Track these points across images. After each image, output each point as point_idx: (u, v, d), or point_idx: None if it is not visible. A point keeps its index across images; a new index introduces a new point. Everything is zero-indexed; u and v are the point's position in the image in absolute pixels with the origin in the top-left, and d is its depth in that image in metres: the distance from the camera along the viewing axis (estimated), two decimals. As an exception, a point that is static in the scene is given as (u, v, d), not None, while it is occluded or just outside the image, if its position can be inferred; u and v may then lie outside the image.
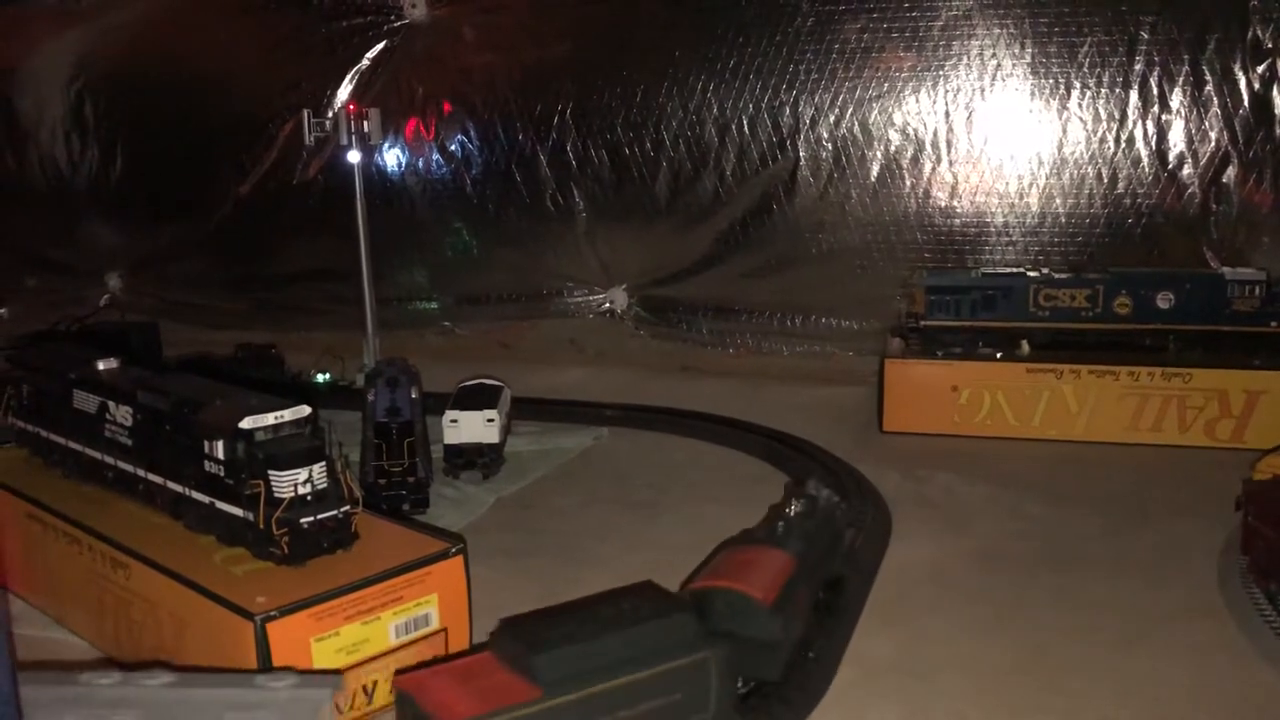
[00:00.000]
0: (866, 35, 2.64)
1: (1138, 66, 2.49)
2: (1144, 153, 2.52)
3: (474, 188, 3.06)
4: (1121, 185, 2.55)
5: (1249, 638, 1.41)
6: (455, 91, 3.06)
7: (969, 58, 2.60)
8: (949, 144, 2.64)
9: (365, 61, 3.13)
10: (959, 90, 2.62)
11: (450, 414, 2.02)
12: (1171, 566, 1.63)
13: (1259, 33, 2.41)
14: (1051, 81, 2.56)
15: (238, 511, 1.26)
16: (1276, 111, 2.42)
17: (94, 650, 1.41)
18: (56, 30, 3.56)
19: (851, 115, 2.67)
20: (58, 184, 3.56)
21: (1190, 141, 2.49)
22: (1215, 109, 2.45)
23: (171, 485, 1.36)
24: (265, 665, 1.13)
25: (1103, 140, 2.55)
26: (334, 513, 1.26)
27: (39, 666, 1.29)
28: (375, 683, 1.23)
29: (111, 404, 1.44)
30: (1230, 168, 2.47)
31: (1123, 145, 2.53)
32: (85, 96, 3.47)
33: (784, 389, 2.60)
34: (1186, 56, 2.46)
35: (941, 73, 2.62)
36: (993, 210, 2.65)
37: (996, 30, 2.57)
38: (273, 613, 1.14)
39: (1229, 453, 2.08)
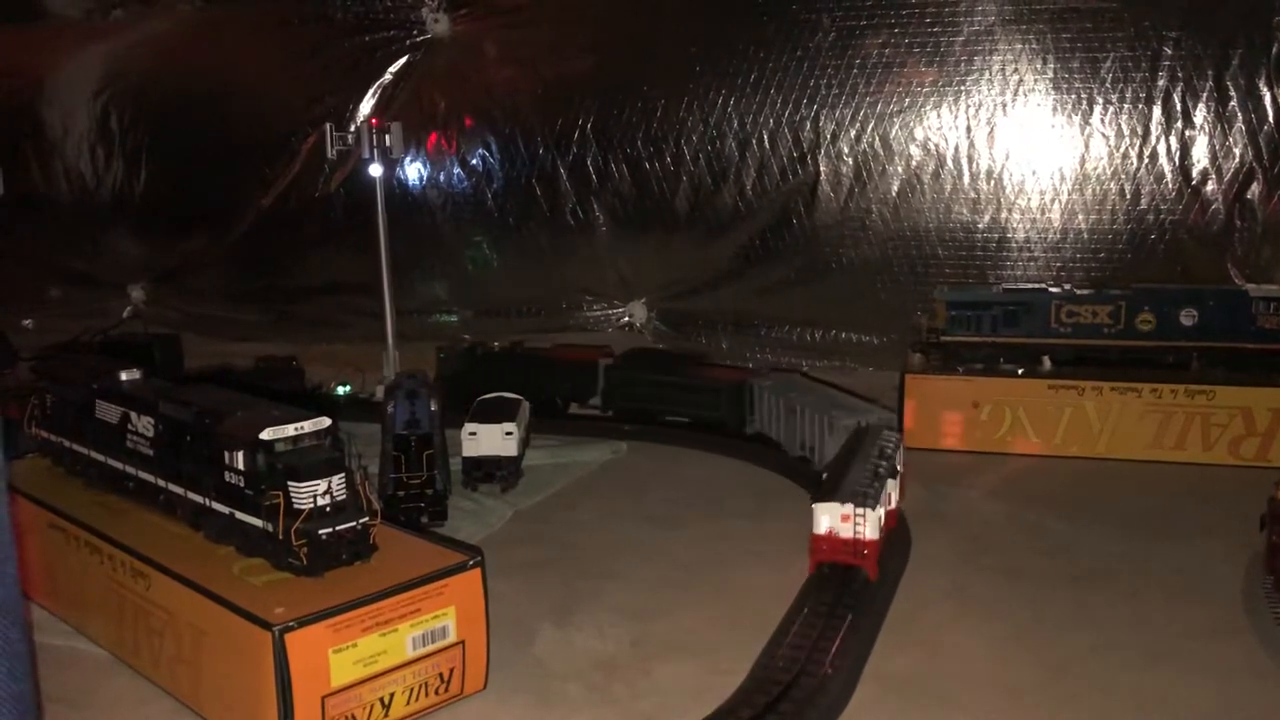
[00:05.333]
0: (888, 50, 2.64)
1: (1161, 82, 2.48)
2: (1167, 168, 2.51)
3: (495, 201, 3.08)
4: (1144, 201, 2.54)
5: (1273, 658, 1.40)
6: (477, 106, 3.07)
7: (991, 73, 2.59)
8: (970, 159, 2.63)
9: (388, 76, 3.15)
10: (980, 105, 2.61)
11: (469, 427, 2.02)
12: (1194, 585, 1.62)
13: (1283, 49, 2.40)
14: (1074, 97, 2.55)
15: (257, 522, 1.26)
16: (1301, 127, 2.41)
17: (113, 658, 1.42)
18: (83, 45, 3.60)
19: (872, 130, 2.67)
20: (83, 196, 3.59)
21: (1214, 157, 2.47)
22: (1239, 125, 2.44)
23: (192, 496, 1.36)
24: (283, 676, 1.14)
25: (1125, 156, 2.54)
26: (353, 524, 1.26)
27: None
28: (392, 695, 1.23)
29: (133, 415, 1.45)
30: (1254, 184, 2.46)
31: (1146, 161, 2.52)
32: (110, 110, 3.50)
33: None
34: (1210, 72, 2.45)
35: (963, 88, 2.61)
36: (1014, 225, 2.64)
37: (1019, 45, 2.57)
38: (291, 623, 1.14)
39: (1253, 471, 2.06)
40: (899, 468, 1.77)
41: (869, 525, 1.54)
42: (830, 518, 1.55)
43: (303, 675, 1.15)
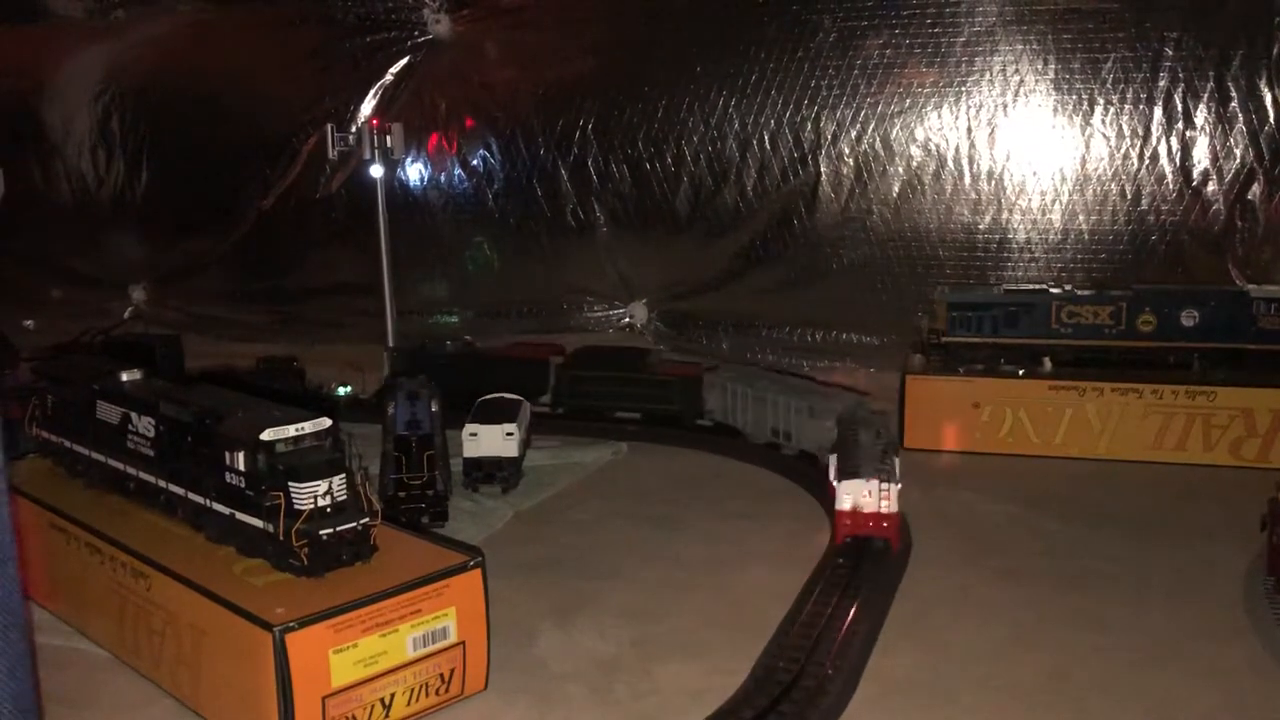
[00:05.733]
0: (889, 51, 2.64)
1: (1162, 83, 2.48)
2: (1168, 169, 2.51)
3: (495, 202, 3.08)
4: (1145, 202, 2.54)
5: (1275, 659, 1.40)
6: (478, 107, 3.07)
7: (992, 73, 2.59)
8: (971, 160, 2.63)
9: (389, 77, 3.15)
10: (981, 106, 2.61)
11: (470, 427, 2.02)
12: (1195, 587, 1.62)
13: (1284, 49, 2.40)
14: (1075, 97, 2.55)
15: (258, 523, 1.26)
16: (1302, 128, 2.41)
17: (113, 659, 1.42)
18: (83, 45, 3.60)
19: (873, 131, 2.67)
20: (84, 197, 3.59)
21: (1215, 158, 2.47)
22: (1240, 125, 2.44)
23: (192, 496, 1.36)
24: (284, 676, 1.14)
25: (1126, 157, 2.53)
26: (353, 525, 1.26)
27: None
28: (393, 696, 1.23)
29: (134, 415, 1.45)
30: (1255, 184, 2.46)
31: (1146, 162, 2.52)
32: (112, 111, 3.50)
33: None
34: (1211, 73, 2.45)
35: (964, 88, 2.61)
36: (1015, 226, 2.64)
37: (1019, 46, 2.57)
38: (291, 624, 1.14)
39: (1254, 472, 2.06)
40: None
41: (892, 499, 1.69)
42: (854, 495, 1.69)
43: (303, 676, 1.15)
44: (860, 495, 1.68)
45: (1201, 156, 2.48)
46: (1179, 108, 2.48)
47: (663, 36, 2.91)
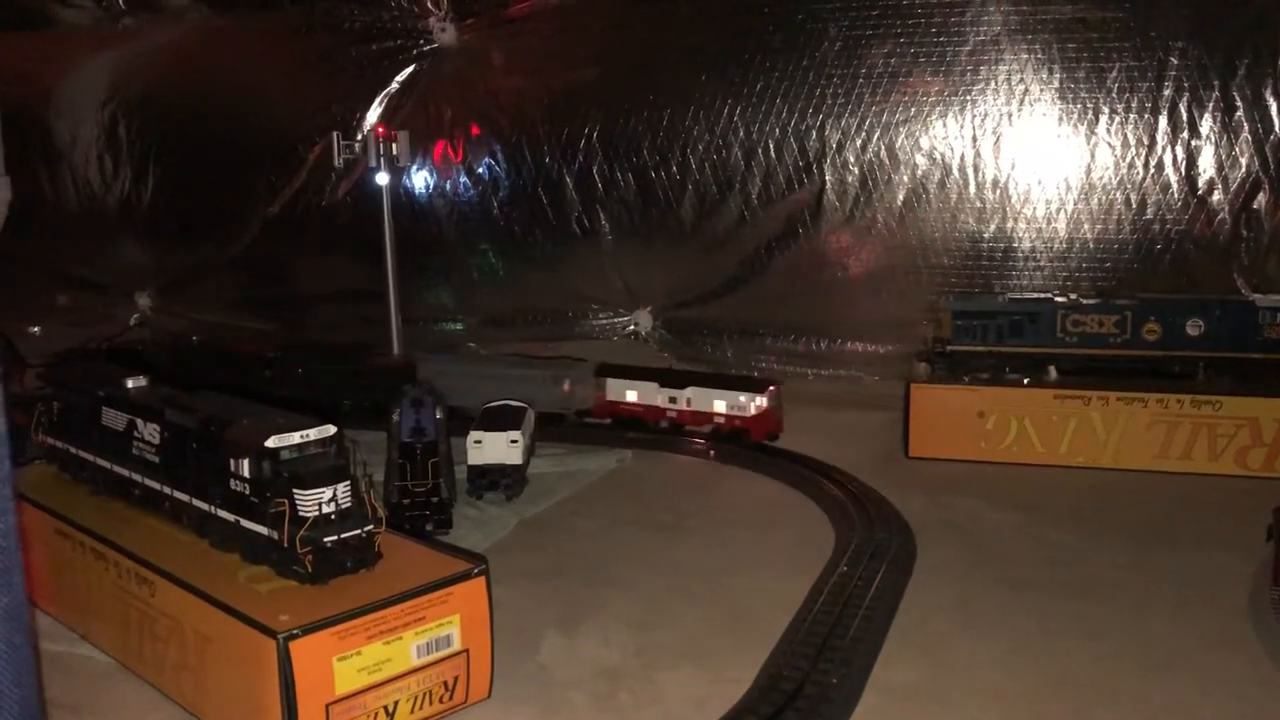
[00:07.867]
0: (894, 60, 2.65)
1: (1167, 92, 2.48)
2: (1173, 178, 2.51)
3: (501, 210, 3.08)
4: (1150, 211, 2.54)
5: (1279, 668, 1.40)
6: (483, 115, 3.08)
7: (996, 82, 2.59)
8: (976, 168, 2.63)
9: (394, 85, 3.16)
10: (986, 115, 2.61)
11: (474, 434, 2.02)
12: (1200, 596, 1.61)
13: (1290, 59, 2.40)
14: (1080, 107, 2.55)
15: (262, 530, 1.26)
16: (1308, 138, 2.41)
17: (117, 665, 1.42)
18: (91, 53, 3.62)
19: (878, 139, 2.67)
20: (90, 204, 3.60)
21: (1220, 167, 2.47)
22: (1245, 135, 2.44)
23: (197, 503, 1.36)
24: (287, 683, 1.14)
25: (1131, 166, 2.53)
26: (357, 532, 1.26)
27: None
28: (396, 703, 1.22)
29: (139, 421, 1.45)
30: (1261, 194, 2.46)
31: (1152, 171, 2.52)
32: (119, 118, 3.52)
33: (809, 413, 2.58)
34: (1216, 82, 2.45)
35: (969, 97, 2.62)
36: (1020, 235, 2.64)
37: (1024, 55, 2.57)
38: (295, 631, 1.14)
39: (1260, 482, 2.06)
40: None
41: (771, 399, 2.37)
42: (757, 403, 2.33)
43: (307, 683, 1.15)
44: (758, 400, 2.30)
45: (1207, 166, 2.48)
46: (1184, 117, 2.48)
47: (668, 45, 2.92)
